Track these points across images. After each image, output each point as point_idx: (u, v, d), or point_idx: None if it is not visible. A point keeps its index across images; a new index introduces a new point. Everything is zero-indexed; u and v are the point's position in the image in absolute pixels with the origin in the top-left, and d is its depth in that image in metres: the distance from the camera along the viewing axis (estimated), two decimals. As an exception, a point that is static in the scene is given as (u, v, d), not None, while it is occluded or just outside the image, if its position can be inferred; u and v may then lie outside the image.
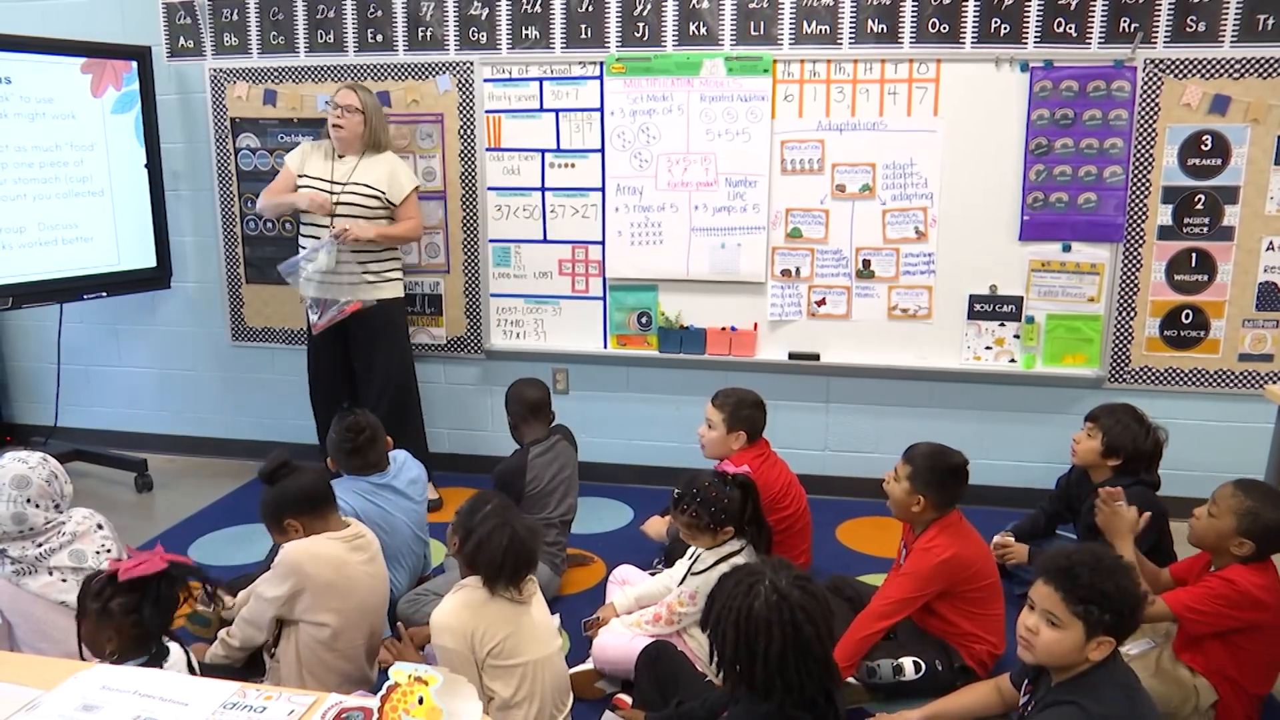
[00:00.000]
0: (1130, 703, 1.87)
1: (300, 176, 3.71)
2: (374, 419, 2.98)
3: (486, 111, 3.99)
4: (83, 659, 1.88)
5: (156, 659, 1.84)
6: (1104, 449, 2.99)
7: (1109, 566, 1.89)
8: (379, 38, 4.03)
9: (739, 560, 2.53)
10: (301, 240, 3.78)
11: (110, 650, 1.84)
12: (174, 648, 1.91)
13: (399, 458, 3.06)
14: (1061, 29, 3.56)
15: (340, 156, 3.70)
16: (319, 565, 2.32)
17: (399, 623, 2.74)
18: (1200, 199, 3.60)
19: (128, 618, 1.82)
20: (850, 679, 2.54)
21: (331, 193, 3.65)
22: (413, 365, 4.00)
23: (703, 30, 3.78)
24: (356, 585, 2.39)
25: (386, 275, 3.78)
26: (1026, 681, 2.10)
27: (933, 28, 3.62)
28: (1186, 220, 3.63)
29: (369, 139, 3.69)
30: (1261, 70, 3.47)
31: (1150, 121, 3.57)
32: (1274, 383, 3.62)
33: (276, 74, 4.14)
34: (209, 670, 2.12)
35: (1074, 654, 1.88)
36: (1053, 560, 1.95)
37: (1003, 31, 3.59)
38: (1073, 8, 3.54)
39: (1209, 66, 3.50)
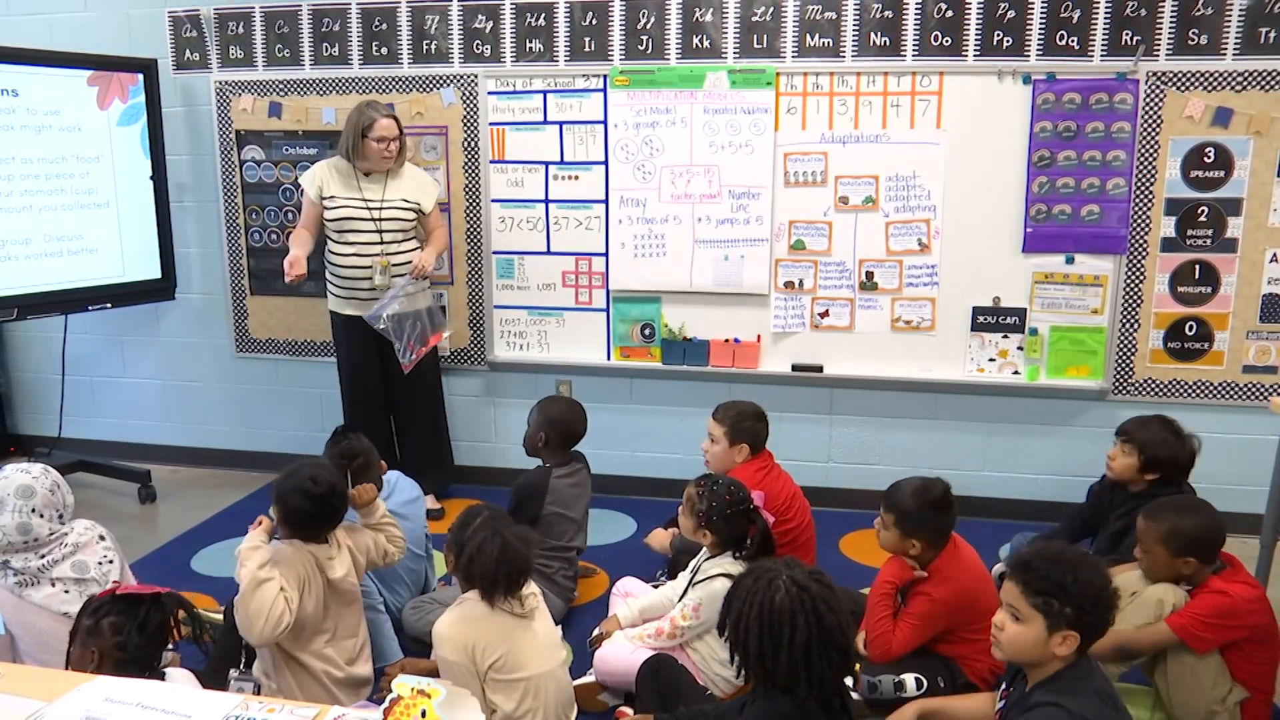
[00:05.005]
0: (1116, 712, 1.85)
1: (327, 199, 3.67)
2: (367, 444, 2.81)
3: (490, 124, 4.00)
4: None
5: None
6: (1143, 464, 2.91)
7: (1071, 560, 1.89)
8: (384, 51, 4.05)
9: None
10: (336, 268, 3.77)
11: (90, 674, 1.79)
12: (181, 673, 1.90)
13: (391, 479, 2.98)
14: (1064, 42, 3.57)
15: (366, 174, 3.69)
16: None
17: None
18: (1203, 211, 3.60)
19: (113, 638, 1.81)
20: (852, 695, 2.53)
21: (370, 211, 3.66)
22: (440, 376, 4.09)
23: (706, 43, 3.79)
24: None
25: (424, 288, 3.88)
26: (1005, 685, 2.09)
27: (935, 41, 3.63)
28: (1190, 232, 3.63)
29: (404, 157, 3.76)
30: (1264, 83, 3.48)
31: (1153, 134, 3.58)
32: (1278, 395, 3.61)
33: (282, 87, 4.16)
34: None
35: (1037, 648, 1.87)
36: (1016, 556, 1.97)
37: (1005, 44, 3.60)
38: (1075, 21, 3.55)
39: (1211, 79, 3.51)
